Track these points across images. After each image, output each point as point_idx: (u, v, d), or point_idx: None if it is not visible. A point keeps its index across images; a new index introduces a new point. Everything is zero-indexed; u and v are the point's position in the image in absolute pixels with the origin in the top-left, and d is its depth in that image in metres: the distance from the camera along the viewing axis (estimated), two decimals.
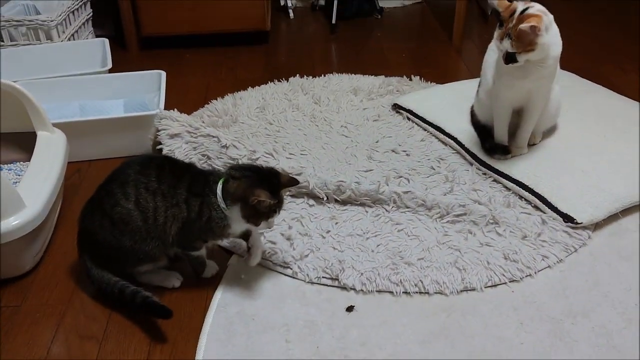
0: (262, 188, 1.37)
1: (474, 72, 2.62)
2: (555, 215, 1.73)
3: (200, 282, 1.56)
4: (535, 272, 1.58)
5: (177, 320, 1.46)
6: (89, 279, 1.52)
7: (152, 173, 1.44)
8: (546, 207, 1.76)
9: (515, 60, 1.69)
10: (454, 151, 2.07)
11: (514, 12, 1.66)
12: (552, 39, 1.72)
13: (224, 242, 1.64)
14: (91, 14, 2.95)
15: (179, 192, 1.43)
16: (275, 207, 1.41)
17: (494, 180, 1.90)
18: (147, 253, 1.47)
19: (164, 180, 1.44)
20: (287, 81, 2.58)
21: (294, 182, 1.49)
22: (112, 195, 1.45)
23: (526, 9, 1.65)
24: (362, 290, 1.53)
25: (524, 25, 1.61)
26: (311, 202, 1.82)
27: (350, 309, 1.45)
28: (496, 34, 1.71)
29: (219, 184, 1.41)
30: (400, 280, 1.54)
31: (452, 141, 2.08)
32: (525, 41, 1.64)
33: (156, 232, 1.44)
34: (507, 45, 1.66)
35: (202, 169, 1.54)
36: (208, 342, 1.39)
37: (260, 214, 1.40)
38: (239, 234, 1.54)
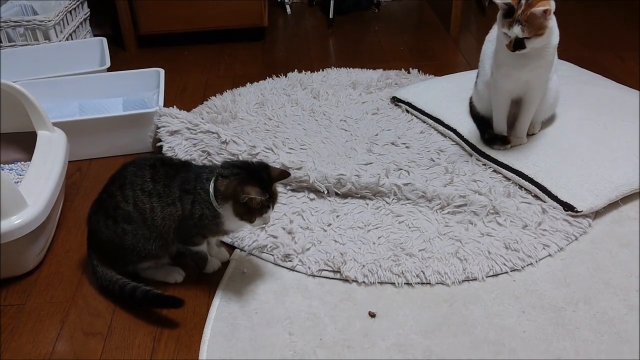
0: (252, 185, 1.34)
1: (472, 63, 2.64)
2: (555, 204, 1.74)
3: (203, 277, 1.57)
4: (536, 261, 1.58)
5: (181, 315, 1.47)
6: (95, 277, 1.53)
7: (146, 174, 1.45)
8: (546, 196, 1.76)
9: (524, 47, 1.68)
10: (454, 143, 2.07)
11: None
12: (554, 25, 1.72)
13: (225, 238, 1.65)
14: (88, 13, 2.95)
15: (173, 190, 1.43)
16: (268, 202, 1.38)
17: (494, 171, 1.91)
18: (150, 251, 1.48)
19: (159, 181, 1.44)
20: (286, 76, 2.58)
21: (285, 175, 1.44)
22: (113, 198, 1.47)
23: None
24: (364, 282, 1.53)
25: (536, 9, 1.62)
26: (312, 196, 1.82)
27: (372, 314, 1.44)
28: (502, 22, 1.70)
29: (212, 182, 1.39)
30: (402, 271, 1.54)
31: (451, 133, 2.08)
32: (536, 25, 1.64)
33: (157, 231, 1.46)
34: (517, 31, 1.65)
35: (197, 166, 1.51)
36: (212, 336, 1.40)
37: (253, 210, 1.37)
38: (237, 230, 1.54)
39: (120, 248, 1.48)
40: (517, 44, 1.69)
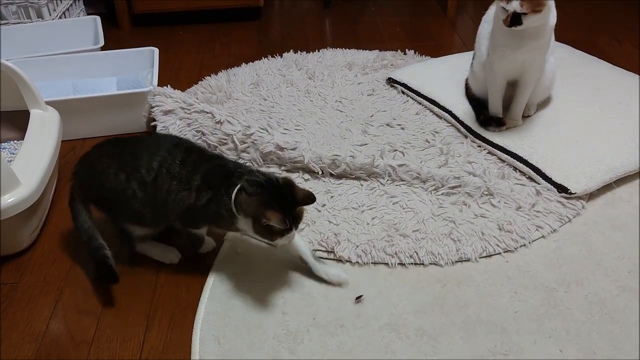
0: (274, 210, 1.28)
1: (469, 45, 2.61)
2: (549, 185, 1.74)
3: (198, 256, 1.57)
4: (529, 242, 1.59)
5: (175, 294, 1.47)
6: (72, 214, 1.51)
7: (178, 156, 1.41)
8: (540, 178, 1.76)
9: (520, 23, 1.67)
10: (449, 124, 2.07)
11: None
12: (552, 5, 1.71)
13: None
14: None
15: (194, 177, 1.38)
16: (291, 226, 1.31)
17: (489, 153, 1.91)
18: (145, 221, 1.47)
19: (186, 166, 1.40)
20: (281, 57, 2.57)
21: (310, 199, 1.35)
22: (137, 159, 1.42)
23: None
24: (357, 262, 1.54)
25: None
26: (306, 176, 1.82)
27: (359, 298, 1.43)
28: None
29: (236, 188, 1.33)
30: (396, 252, 1.55)
31: (446, 114, 2.08)
32: (535, 0, 1.64)
33: (163, 208, 1.43)
34: (515, 5, 1.64)
35: (228, 163, 1.44)
36: (205, 315, 1.40)
37: (274, 233, 1.32)
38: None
39: (120, 203, 1.45)
40: (514, 20, 1.67)
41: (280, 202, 1.31)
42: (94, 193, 1.51)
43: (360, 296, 1.44)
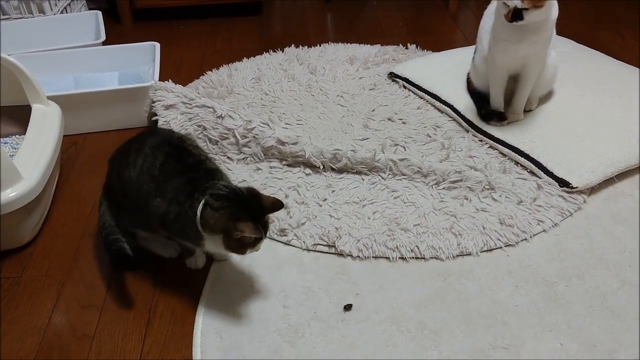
0: (245, 220, 1.23)
1: (471, 39, 2.61)
2: (550, 180, 1.74)
3: None
4: (530, 237, 1.59)
5: (176, 288, 1.48)
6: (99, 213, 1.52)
7: (159, 157, 1.37)
8: (542, 172, 1.76)
9: (521, 18, 1.67)
10: (450, 118, 2.07)
11: None
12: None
13: None
14: None
15: (169, 189, 1.33)
16: (262, 235, 1.28)
17: (490, 147, 1.91)
18: (137, 222, 1.46)
19: (165, 172, 1.36)
20: (283, 51, 2.56)
21: (277, 206, 1.30)
22: (127, 155, 1.41)
23: None
24: (358, 256, 1.54)
25: None
26: (307, 170, 1.82)
27: (348, 307, 1.41)
28: None
29: (200, 204, 1.27)
30: (397, 246, 1.55)
31: (448, 108, 2.07)
32: None
33: (145, 212, 1.39)
34: (517, 1, 1.65)
35: (199, 173, 1.37)
36: (206, 309, 1.41)
37: (246, 244, 1.28)
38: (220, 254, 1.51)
39: (118, 202, 1.45)
40: (516, 15, 1.67)
41: (249, 212, 1.27)
42: (111, 197, 1.50)
43: (350, 305, 1.41)
